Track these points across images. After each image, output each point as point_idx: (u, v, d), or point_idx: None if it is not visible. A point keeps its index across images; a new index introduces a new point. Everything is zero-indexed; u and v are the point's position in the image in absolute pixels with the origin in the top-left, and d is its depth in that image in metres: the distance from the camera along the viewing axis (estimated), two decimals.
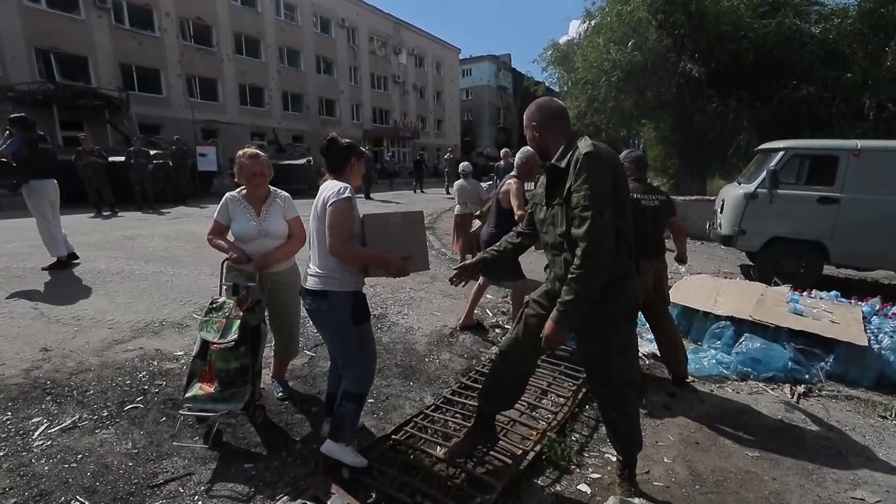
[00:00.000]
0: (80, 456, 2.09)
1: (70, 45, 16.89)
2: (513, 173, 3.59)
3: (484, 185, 6.74)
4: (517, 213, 3.29)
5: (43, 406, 2.46)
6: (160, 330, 3.53)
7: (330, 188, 1.94)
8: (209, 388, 2.11)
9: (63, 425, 2.30)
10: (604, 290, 1.69)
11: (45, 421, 2.33)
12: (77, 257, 5.18)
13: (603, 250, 1.60)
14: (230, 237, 2.43)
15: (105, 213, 9.35)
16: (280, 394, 2.68)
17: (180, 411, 2.25)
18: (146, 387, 2.70)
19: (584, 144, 1.69)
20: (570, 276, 1.65)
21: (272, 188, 2.45)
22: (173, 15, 19.94)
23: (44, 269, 4.89)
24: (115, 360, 2.99)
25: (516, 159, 3.58)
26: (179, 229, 7.75)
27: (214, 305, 2.21)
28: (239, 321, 2.13)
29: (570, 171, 1.69)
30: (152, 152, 11.23)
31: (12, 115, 4.99)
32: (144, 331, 3.50)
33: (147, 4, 19.13)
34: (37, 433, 2.23)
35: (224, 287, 2.28)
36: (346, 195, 1.88)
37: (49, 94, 14.98)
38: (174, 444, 2.21)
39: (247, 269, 2.34)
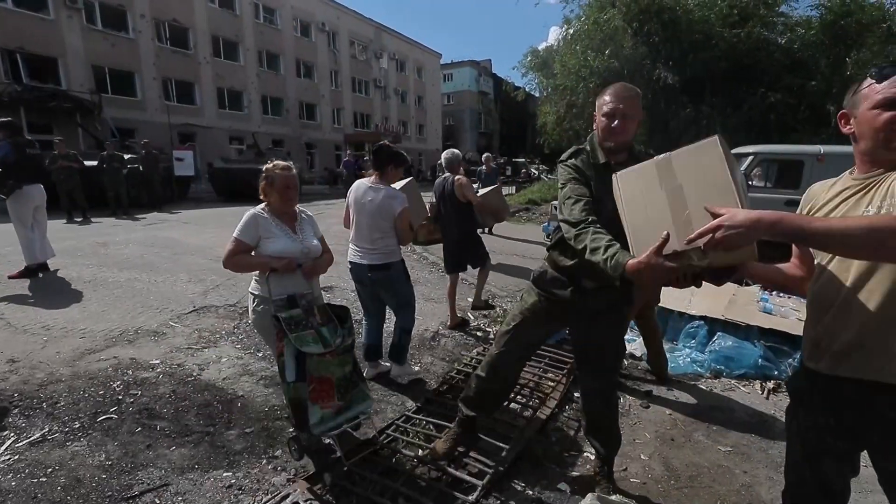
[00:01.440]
0: (49, 470, 2.03)
1: (38, 46, 16.34)
2: (448, 174, 4.05)
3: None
4: (476, 201, 3.99)
5: (10, 419, 2.37)
6: (135, 338, 3.45)
7: (389, 194, 2.73)
8: (334, 402, 1.99)
9: (31, 438, 2.23)
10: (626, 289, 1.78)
11: (12, 435, 2.25)
12: (48, 268, 5.02)
13: None
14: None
15: (77, 219, 9.06)
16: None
17: (325, 441, 2.15)
18: (120, 397, 2.64)
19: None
20: None
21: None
22: (148, 16, 19.52)
23: (10, 277, 4.72)
24: (87, 370, 2.91)
25: (448, 160, 4.09)
26: (155, 235, 7.57)
27: (289, 322, 1.96)
28: (327, 328, 2.04)
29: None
30: (126, 156, 10.94)
31: (0, 120, 4.87)
32: (118, 339, 3.41)
33: (120, 5, 18.67)
34: (3, 447, 2.15)
35: (275, 299, 2.03)
36: (406, 202, 2.77)
37: (15, 96, 14.45)
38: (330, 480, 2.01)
39: (290, 283, 2.11)
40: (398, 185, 3.02)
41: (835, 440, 1.17)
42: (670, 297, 4.01)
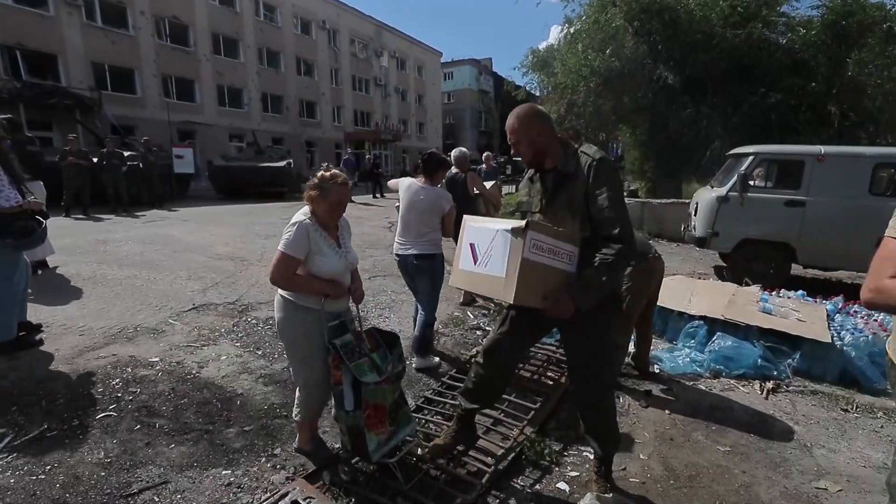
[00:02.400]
0: (48, 467, 2.03)
1: (38, 43, 16.28)
2: (455, 170, 4.36)
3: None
4: (484, 191, 4.38)
5: (9, 417, 2.37)
6: (134, 336, 3.44)
7: (439, 194, 3.11)
8: (386, 428, 1.99)
9: (30, 436, 2.22)
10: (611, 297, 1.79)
11: (10, 432, 2.25)
12: (47, 266, 5.01)
13: (631, 249, 1.72)
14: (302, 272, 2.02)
15: (78, 216, 9.05)
16: None
17: (372, 467, 2.08)
18: (119, 394, 2.63)
19: (593, 150, 1.78)
20: (601, 261, 1.70)
21: None
22: (148, 13, 19.46)
23: None
24: (86, 368, 2.90)
25: (457, 158, 4.40)
26: (154, 233, 7.56)
27: (345, 350, 1.92)
28: (377, 354, 2.01)
29: (580, 176, 1.74)
30: (126, 153, 10.93)
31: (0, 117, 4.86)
32: (118, 337, 3.41)
33: (120, 2, 18.61)
34: (2, 445, 2.15)
35: (329, 325, 1.99)
36: (453, 201, 3.15)
37: (15, 93, 14.41)
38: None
39: (337, 306, 2.06)
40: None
41: None
42: (671, 298, 4.02)
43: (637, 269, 2.86)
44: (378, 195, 16.52)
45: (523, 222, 1.67)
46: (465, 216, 1.96)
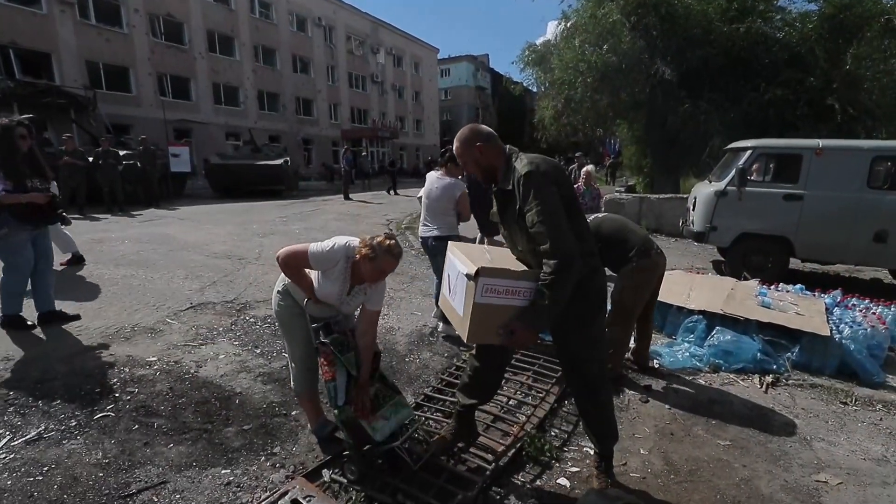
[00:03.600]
0: (46, 468, 2.01)
1: (31, 41, 16.17)
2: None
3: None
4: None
5: (5, 418, 2.35)
6: (132, 335, 3.43)
7: (452, 183, 3.48)
8: (375, 414, 2.03)
9: (27, 437, 2.21)
10: (575, 287, 1.74)
11: (7, 433, 2.23)
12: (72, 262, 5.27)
13: (570, 261, 1.64)
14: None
15: (74, 216, 9.00)
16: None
17: (379, 461, 2.06)
18: (117, 394, 2.62)
19: (522, 164, 1.74)
20: (541, 282, 1.67)
21: None
22: (142, 11, 19.34)
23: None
24: (83, 368, 2.88)
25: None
26: (151, 232, 7.53)
27: (336, 345, 2.01)
28: (355, 352, 2.10)
29: (515, 193, 1.74)
30: (122, 153, 10.87)
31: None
32: (115, 337, 3.39)
33: None
34: None
35: (314, 326, 2.08)
36: (465, 188, 3.52)
37: (9, 92, 14.28)
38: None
39: (317, 311, 2.14)
40: None
41: None
42: (669, 292, 4.01)
43: (640, 266, 2.86)
44: (394, 192, 16.66)
45: (475, 269, 1.68)
46: (450, 242, 2.09)
